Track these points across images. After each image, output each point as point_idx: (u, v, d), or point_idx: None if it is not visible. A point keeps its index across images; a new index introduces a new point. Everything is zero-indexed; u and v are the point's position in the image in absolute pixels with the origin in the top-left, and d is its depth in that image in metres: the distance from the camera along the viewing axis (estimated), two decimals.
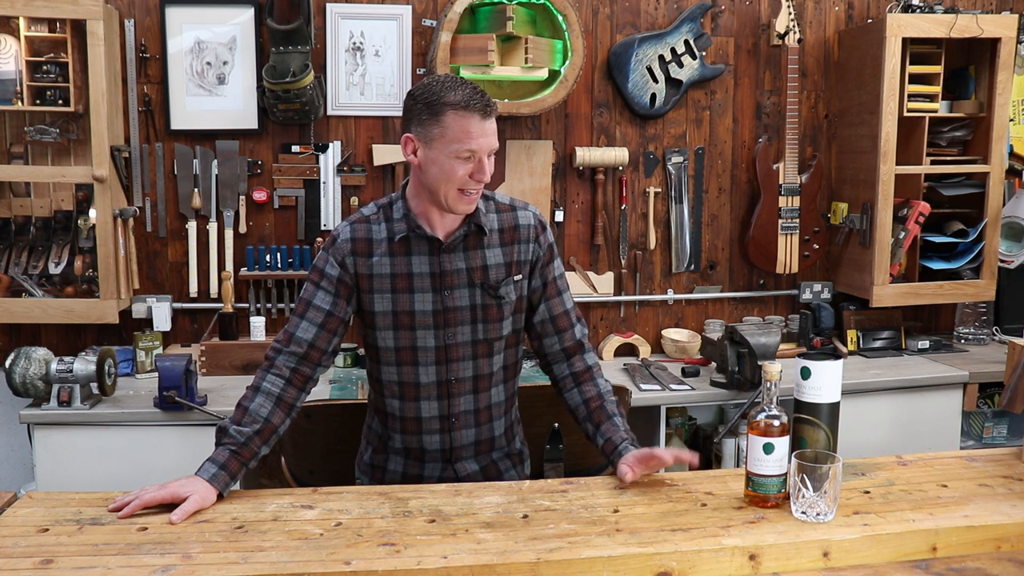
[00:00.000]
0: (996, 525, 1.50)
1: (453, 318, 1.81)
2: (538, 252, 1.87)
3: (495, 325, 1.83)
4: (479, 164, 1.69)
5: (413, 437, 1.88)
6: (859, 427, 2.92)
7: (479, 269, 1.81)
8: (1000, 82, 3.23)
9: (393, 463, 1.92)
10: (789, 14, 3.27)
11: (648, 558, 1.38)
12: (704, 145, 3.43)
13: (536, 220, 1.88)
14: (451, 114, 1.67)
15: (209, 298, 3.17)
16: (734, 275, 3.52)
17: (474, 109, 1.67)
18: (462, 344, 1.82)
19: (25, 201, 3.05)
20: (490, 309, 1.82)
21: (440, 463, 1.89)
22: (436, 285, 1.80)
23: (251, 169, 3.16)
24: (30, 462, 2.72)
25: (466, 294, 1.81)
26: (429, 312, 1.80)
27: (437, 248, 1.79)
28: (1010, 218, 3.47)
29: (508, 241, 1.84)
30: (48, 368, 2.60)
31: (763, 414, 1.55)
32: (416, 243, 1.79)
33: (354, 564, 1.34)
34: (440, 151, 1.69)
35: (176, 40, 3.06)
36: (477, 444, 1.90)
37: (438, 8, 3.17)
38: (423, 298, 1.79)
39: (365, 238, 1.80)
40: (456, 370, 1.84)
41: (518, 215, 1.86)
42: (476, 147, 1.68)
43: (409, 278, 1.79)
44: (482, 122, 1.68)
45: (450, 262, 1.80)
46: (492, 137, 1.70)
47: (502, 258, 1.83)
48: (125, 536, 1.44)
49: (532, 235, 1.86)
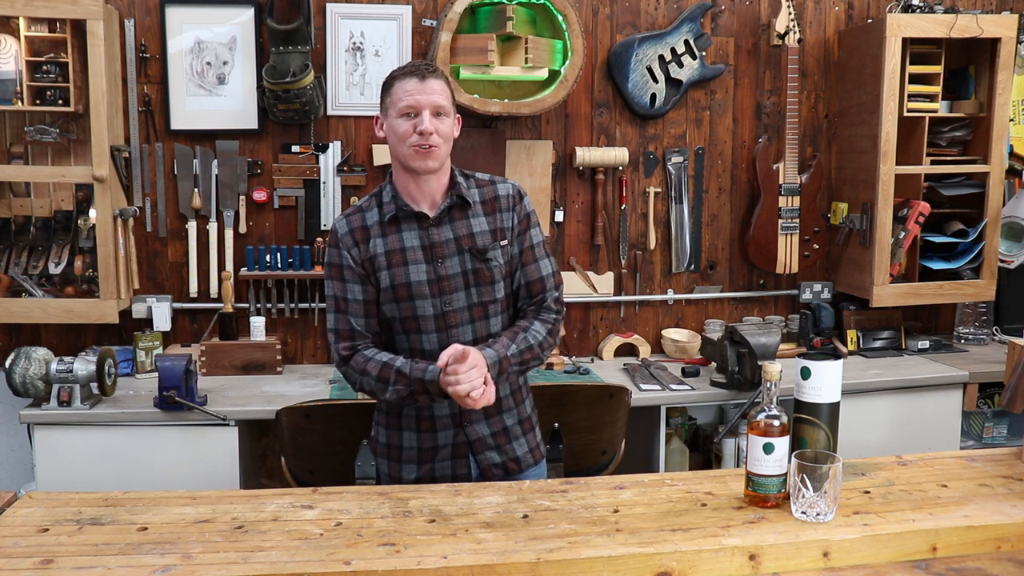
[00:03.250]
0: (996, 525, 1.50)
1: (448, 285, 1.92)
2: (516, 220, 2.00)
3: (488, 288, 1.95)
4: (419, 119, 1.85)
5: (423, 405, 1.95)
6: (859, 427, 2.92)
7: (466, 237, 1.94)
8: (1000, 82, 3.23)
9: (407, 439, 1.98)
10: (789, 14, 3.27)
11: (648, 558, 1.38)
12: (704, 145, 3.43)
13: (515, 191, 2.02)
14: (395, 83, 1.90)
15: (209, 298, 3.17)
16: (734, 275, 3.52)
17: (411, 73, 1.88)
18: (459, 310, 1.93)
19: (25, 201, 3.05)
20: (481, 273, 1.94)
21: (451, 429, 1.96)
22: (428, 256, 1.92)
23: (251, 169, 3.16)
24: (30, 462, 2.72)
25: (457, 261, 1.93)
26: (424, 282, 1.92)
27: (426, 222, 1.93)
28: (1010, 218, 3.47)
29: (491, 211, 1.98)
30: (48, 368, 2.60)
31: (763, 414, 1.55)
32: (405, 220, 1.94)
33: (354, 564, 1.34)
34: (392, 117, 1.89)
35: (176, 40, 3.06)
36: (485, 407, 1.93)
37: (438, 8, 3.17)
38: (417, 269, 1.92)
39: (361, 226, 1.96)
40: (456, 335, 1.93)
41: (497, 187, 2.01)
42: (414, 102, 1.85)
43: (402, 252, 1.92)
44: (420, 82, 1.86)
45: (439, 234, 1.93)
46: (433, 95, 1.86)
47: (487, 225, 1.96)
48: (125, 536, 1.44)
49: (511, 204, 2.00)
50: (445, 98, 1.89)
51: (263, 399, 2.73)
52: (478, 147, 3.21)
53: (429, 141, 1.85)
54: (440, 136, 1.87)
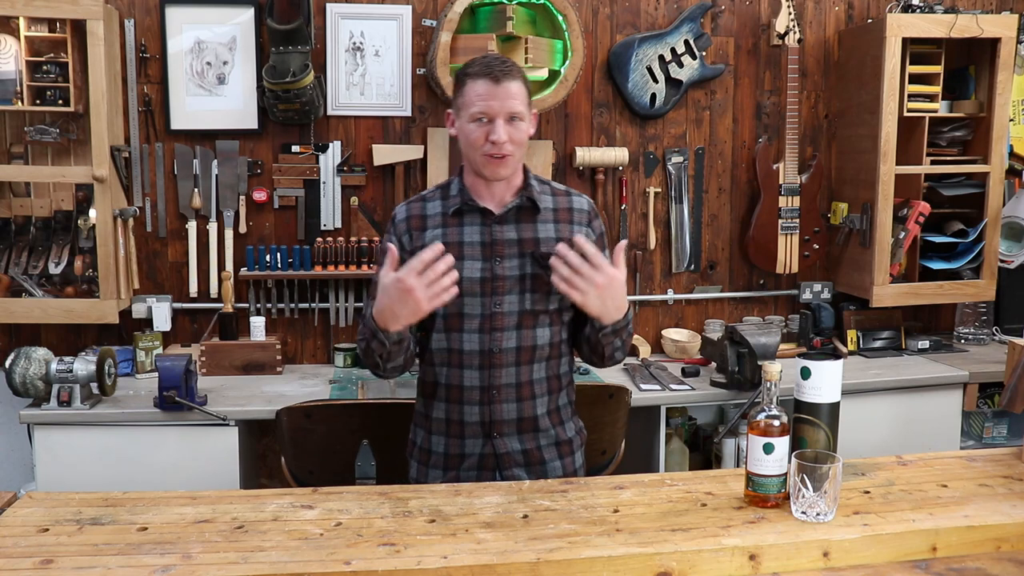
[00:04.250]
0: (996, 525, 1.50)
1: (501, 286, 1.84)
2: (591, 236, 1.91)
3: (542, 297, 1.86)
4: (492, 126, 1.75)
5: (455, 407, 1.89)
6: (859, 427, 2.92)
7: (531, 240, 1.86)
8: (1000, 82, 3.23)
9: (436, 443, 1.93)
10: (789, 14, 3.27)
11: (648, 558, 1.38)
12: (704, 145, 3.43)
13: (590, 206, 1.95)
14: (468, 82, 1.78)
15: (209, 298, 3.17)
16: (734, 275, 3.52)
17: (484, 74, 1.75)
18: (508, 314, 1.85)
19: (25, 201, 3.05)
20: (539, 280, 1.84)
21: (481, 438, 1.89)
22: (487, 254, 1.84)
23: (251, 169, 3.16)
24: (30, 462, 2.72)
25: (516, 264, 1.85)
26: (477, 280, 1.83)
27: (490, 219, 1.85)
28: (1010, 218, 3.47)
29: (562, 220, 1.89)
30: (48, 368, 2.60)
31: (763, 414, 1.55)
32: (469, 215, 1.86)
33: (354, 564, 1.34)
34: (464, 119, 1.80)
35: (176, 40, 3.06)
36: (519, 422, 1.89)
37: (438, 8, 3.17)
38: (472, 266, 1.83)
39: (419, 215, 1.89)
40: (499, 339, 1.85)
41: (572, 199, 1.94)
42: (485, 108, 1.75)
43: (460, 246, 1.84)
44: (493, 86, 1.74)
45: (502, 232, 1.85)
46: (507, 100, 1.75)
47: (554, 233, 1.87)
48: (125, 536, 1.44)
49: (585, 219, 1.92)
50: (521, 102, 1.78)
51: (263, 399, 2.73)
52: None
53: (502, 150, 1.76)
54: (514, 143, 1.78)
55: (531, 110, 1.84)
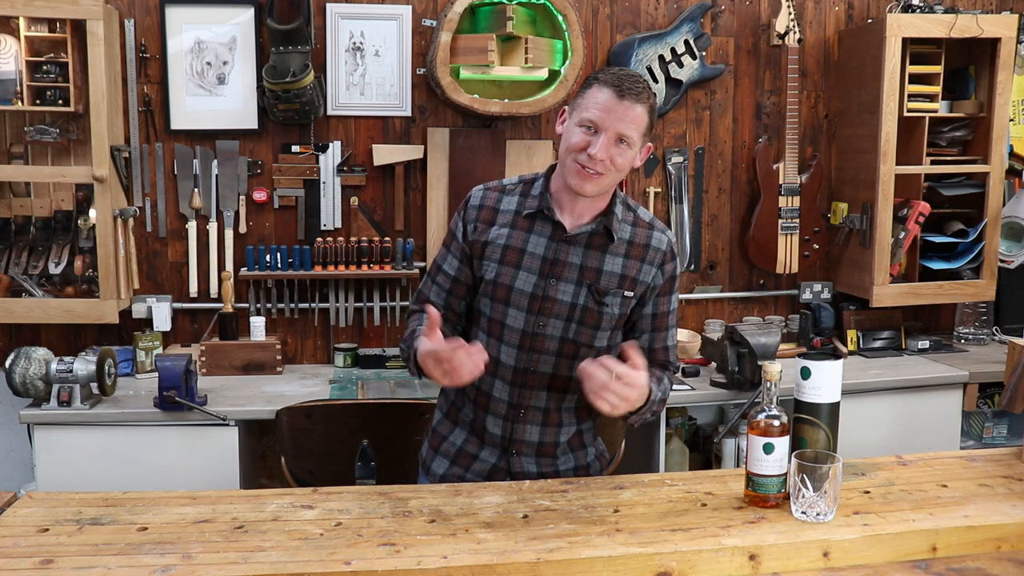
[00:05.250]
0: (996, 525, 1.50)
1: (549, 308, 1.76)
2: (659, 279, 1.83)
3: (589, 331, 1.78)
4: (597, 138, 1.67)
5: (481, 413, 1.83)
6: (859, 427, 2.92)
7: (593, 271, 1.77)
8: (1000, 82, 3.23)
9: (455, 436, 1.88)
10: (789, 14, 3.27)
11: (648, 558, 1.38)
12: (704, 145, 3.43)
13: (668, 247, 1.84)
14: (595, 86, 1.70)
15: (209, 298, 3.17)
16: (734, 275, 3.52)
17: (612, 85, 1.67)
18: (550, 337, 1.77)
19: (25, 201, 3.05)
20: (590, 314, 1.77)
21: (498, 450, 1.83)
22: (544, 271, 1.76)
23: (251, 169, 3.16)
24: (30, 462, 2.72)
25: (571, 290, 1.77)
26: (527, 294, 1.76)
27: (559, 236, 1.77)
28: (1010, 218, 3.47)
29: (634, 256, 1.80)
30: (48, 368, 2.60)
31: (763, 414, 1.55)
32: (540, 224, 1.78)
33: (354, 564, 1.34)
34: (574, 119, 1.72)
35: (176, 40, 3.06)
36: (540, 445, 1.84)
37: (438, 8, 3.17)
38: (526, 278, 1.76)
39: (493, 207, 1.81)
40: (536, 362, 1.78)
41: (653, 235, 1.84)
42: (597, 118, 1.67)
43: (521, 254, 1.77)
44: (616, 99, 1.66)
45: (566, 253, 1.77)
46: (623, 121, 1.66)
47: (620, 269, 1.79)
48: (125, 536, 1.44)
49: (660, 260, 1.83)
50: (637, 128, 1.68)
51: (263, 399, 2.73)
52: (478, 147, 3.21)
53: (596, 168, 1.68)
54: (613, 166, 1.69)
55: (646, 141, 1.75)
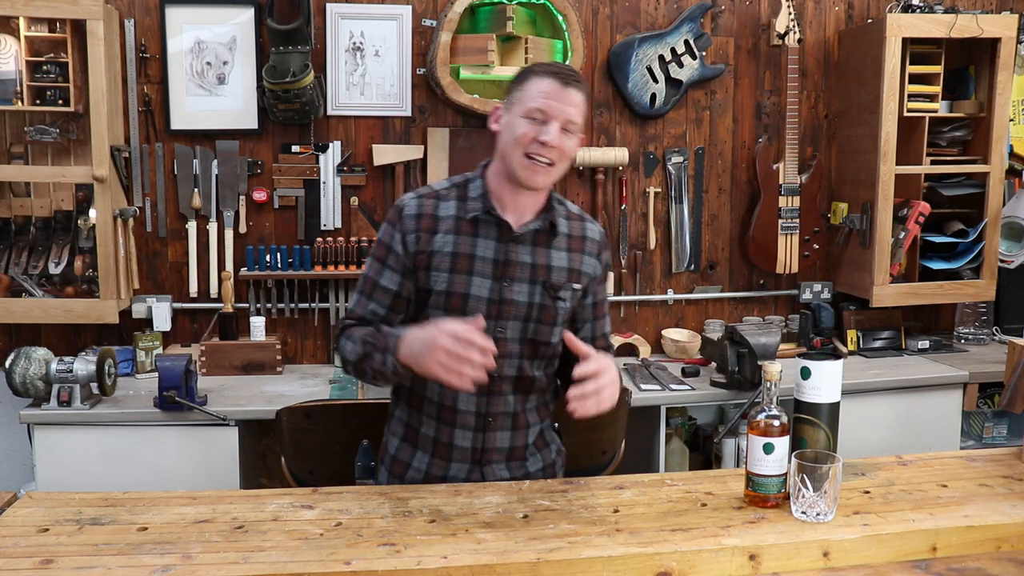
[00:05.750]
0: (996, 525, 1.50)
1: (507, 311, 1.74)
2: (598, 269, 1.86)
3: (546, 328, 1.77)
4: (546, 127, 1.66)
5: (445, 429, 1.79)
6: (859, 427, 2.92)
7: (543, 267, 1.77)
8: (1000, 82, 3.23)
9: (418, 460, 1.82)
10: (789, 14, 3.27)
11: (648, 558, 1.38)
12: (704, 145, 3.43)
13: (601, 236, 1.87)
14: (532, 79, 1.70)
15: (209, 298, 3.17)
16: (734, 275, 3.52)
17: (554, 75, 1.68)
18: (511, 340, 1.75)
19: (25, 201, 3.05)
20: (546, 311, 1.77)
21: (468, 464, 1.80)
22: (497, 273, 1.74)
23: (251, 169, 3.16)
24: (30, 462, 2.72)
25: (526, 290, 1.75)
26: (484, 299, 1.73)
27: (506, 236, 1.75)
28: (1010, 218, 3.47)
29: (575, 248, 1.81)
30: (48, 368, 2.60)
31: (763, 414, 1.55)
32: (485, 226, 1.75)
33: (354, 564, 1.34)
34: (515, 113, 1.70)
35: (176, 40, 3.06)
36: (511, 450, 1.82)
37: (438, 8, 3.17)
38: (481, 283, 1.73)
39: (432, 214, 1.76)
40: (500, 366, 1.72)
41: (586, 226, 1.85)
42: (545, 107, 1.66)
43: (471, 260, 1.74)
44: (560, 87, 1.67)
45: (516, 253, 1.75)
46: (569, 107, 1.67)
47: (567, 263, 1.80)
48: (125, 536, 1.44)
49: (597, 249, 1.85)
50: (580, 115, 1.70)
51: (263, 399, 2.73)
52: (478, 147, 3.21)
53: (549, 156, 1.67)
54: (562, 154, 1.69)
55: (582, 129, 1.74)
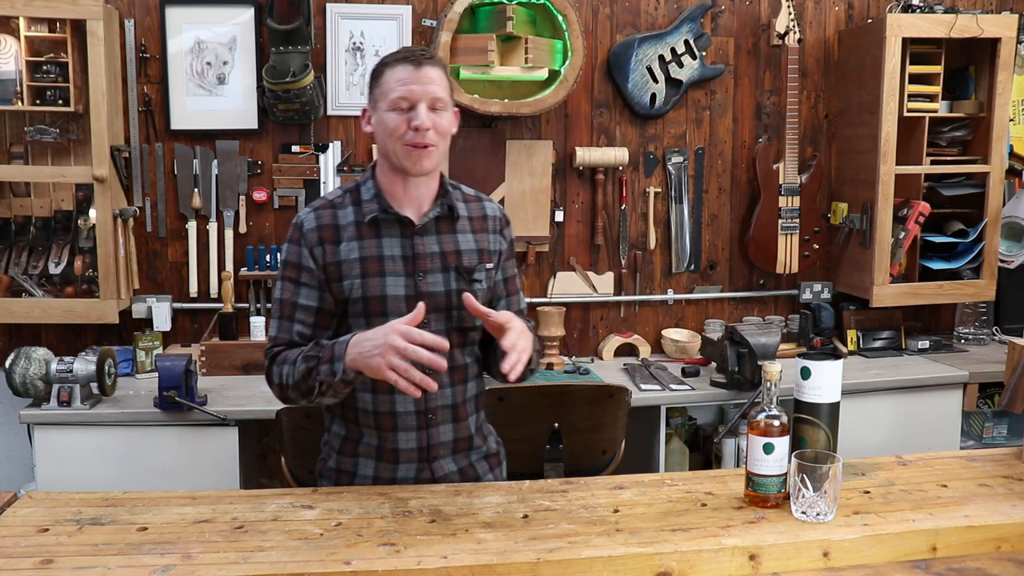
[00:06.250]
0: (996, 525, 1.50)
1: (428, 304, 1.69)
2: (503, 245, 1.85)
3: (468, 314, 1.72)
4: (414, 112, 1.66)
5: (388, 435, 1.76)
6: (859, 427, 2.92)
7: (453, 253, 1.76)
8: (1000, 82, 3.23)
9: (363, 467, 1.79)
10: (789, 14, 3.27)
11: (648, 558, 1.38)
12: (704, 145, 3.43)
13: (501, 213, 1.88)
14: (387, 72, 1.70)
15: (209, 298, 3.17)
16: (734, 275, 3.52)
17: (405, 60, 1.68)
18: (437, 332, 1.67)
19: (25, 201, 3.05)
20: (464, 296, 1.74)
21: (416, 463, 1.78)
22: (409, 269, 1.73)
23: (251, 169, 3.16)
24: (30, 462, 2.72)
25: (440, 279, 1.75)
26: (402, 297, 1.72)
27: (410, 230, 1.74)
28: (1010, 218, 3.47)
29: (478, 229, 1.81)
30: (48, 368, 2.60)
31: (763, 414, 1.55)
32: (387, 225, 1.74)
33: (354, 564, 1.34)
34: (382, 109, 1.70)
35: (176, 40, 3.06)
36: (455, 442, 1.81)
37: (438, 8, 3.17)
38: (395, 282, 1.72)
39: (332, 224, 1.75)
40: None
41: (484, 205, 1.86)
42: (408, 93, 1.66)
43: (380, 261, 1.72)
44: (414, 70, 1.67)
45: (423, 245, 1.74)
46: (430, 85, 1.67)
47: (474, 244, 1.79)
48: (125, 536, 1.44)
49: (498, 226, 1.85)
50: (443, 89, 1.69)
51: (263, 399, 2.73)
52: (478, 147, 3.21)
53: (425, 139, 1.66)
54: (437, 132, 1.68)
55: (453, 104, 1.74)
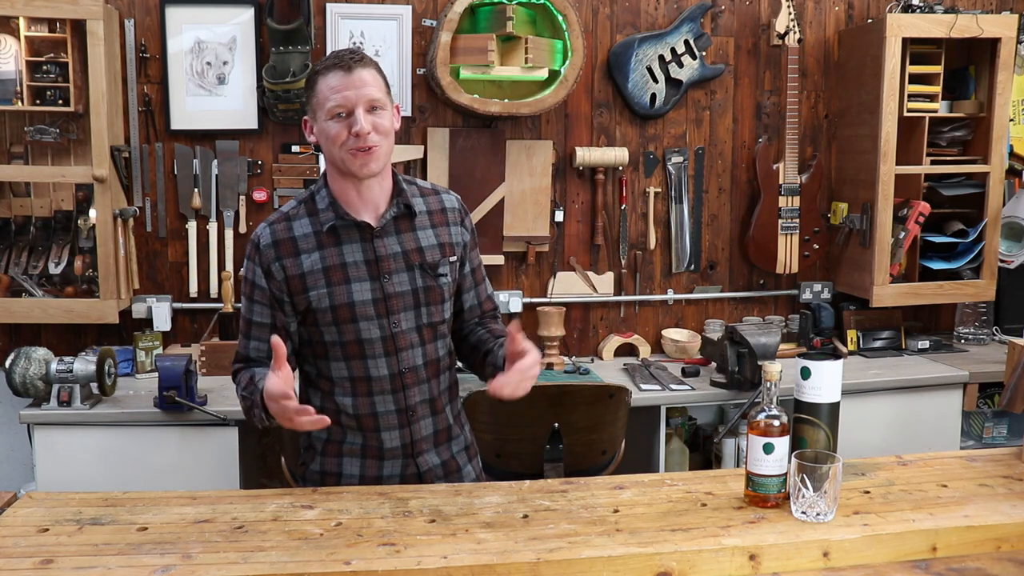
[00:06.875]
0: (996, 525, 1.50)
1: (395, 304, 1.75)
2: (465, 236, 1.87)
3: (438, 308, 1.80)
4: (352, 118, 1.66)
5: (372, 435, 1.80)
6: (859, 427, 2.92)
7: (415, 251, 1.78)
8: (1000, 82, 3.23)
9: (349, 467, 1.82)
10: (789, 14, 3.27)
11: (648, 558, 1.38)
12: (704, 145, 3.43)
13: (460, 203, 1.88)
14: (319, 81, 1.69)
15: (209, 298, 3.17)
16: (734, 275, 3.52)
17: (335, 67, 1.67)
18: (407, 331, 1.77)
19: (25, 201, 3.05)
20: (432, 292, 1.79)
21: (401, 459, 1.82)
22: (373, 272, 1.74)
23: (251, 169, 3.16)
24: (30, 462, 2.72)
25: (406, 278, 1.76)
26: (369, 301, 1.74)
27: (369, 234, 1.75)
28: (1010, 218, 3.47)
29: (438, 223, 1.82)
30: (48, 368, 2.60)
31: (763, 414, 1.55)
32: (345, 231, 1.75)
33: (354, 564, 1.34)
34: (321, 119, 1.69)
35: (176, 40, 3.06)
36: (436, 434, 1.85)
37: (438, 8, 3.17)
38: (361, 288, 1.74)
39: (288, 237, 1.76)
40: (407, 359, 1.77)
41: (442, 198, 1.86)
42: (342, 100, 1.66)
43: (343, 268, 1.73)
44: (346, 75, 1.66)
45: (385, 247, 1.75)
46: (364, 88, 1.66)
47: (435, 239, 1.80)
48: (125, 536, 1.44)
49: (458, 218, 1.86)
50: (379, 89, 1.69)
51: None
52: (478, 147, 3.21)
53: (367, 142, 1.66)
54: (379, 133, 1.68)
55: (392, 102, 1.74)
